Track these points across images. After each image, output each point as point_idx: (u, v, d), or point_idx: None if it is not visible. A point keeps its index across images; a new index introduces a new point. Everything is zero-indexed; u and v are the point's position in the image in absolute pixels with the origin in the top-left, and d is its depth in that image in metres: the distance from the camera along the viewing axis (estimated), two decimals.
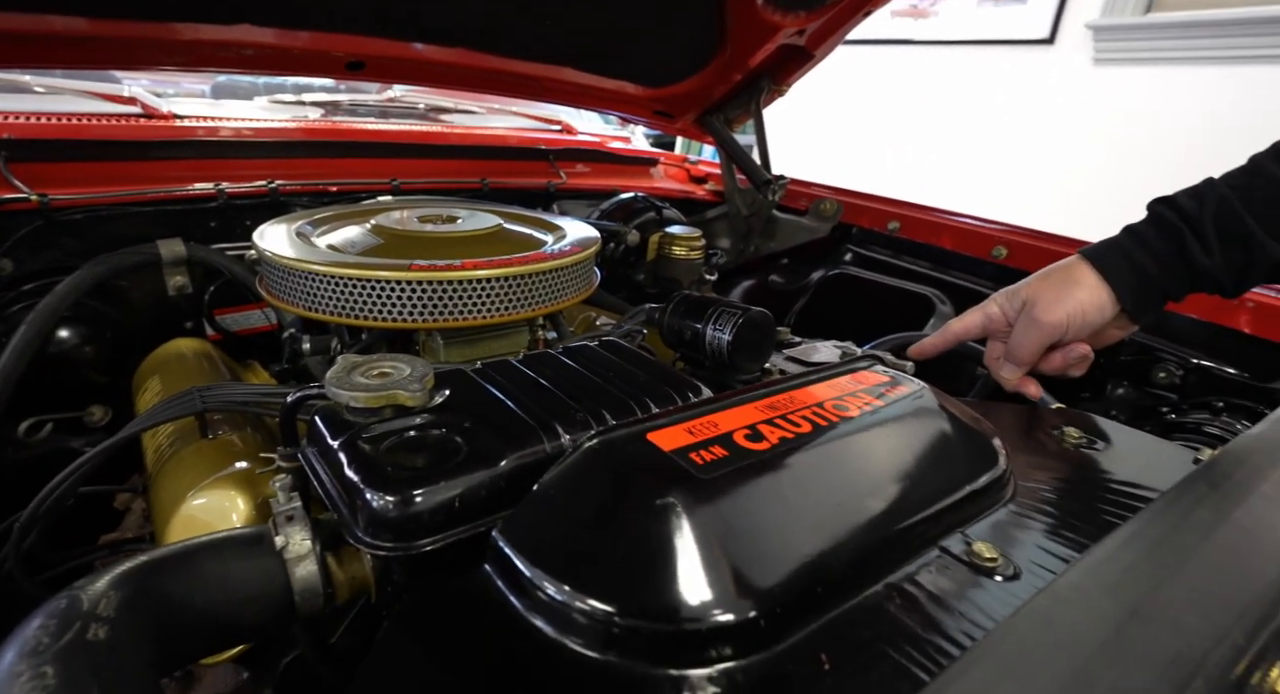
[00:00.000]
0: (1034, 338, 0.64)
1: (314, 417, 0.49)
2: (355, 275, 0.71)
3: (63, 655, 0.29)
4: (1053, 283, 0.65)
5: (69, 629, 0.31)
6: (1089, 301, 0.62)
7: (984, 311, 0.71)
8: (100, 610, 0.32)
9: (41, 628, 0.31)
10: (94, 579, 0.35)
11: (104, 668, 0.30)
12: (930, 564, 0.40)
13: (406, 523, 0.41)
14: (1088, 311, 0.62)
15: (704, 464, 0.39)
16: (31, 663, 0.29)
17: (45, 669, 0.29)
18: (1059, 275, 0.65)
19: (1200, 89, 2.38)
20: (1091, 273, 0.63)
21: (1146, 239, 0.63)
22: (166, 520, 0.58)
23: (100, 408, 0.96)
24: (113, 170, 1.04)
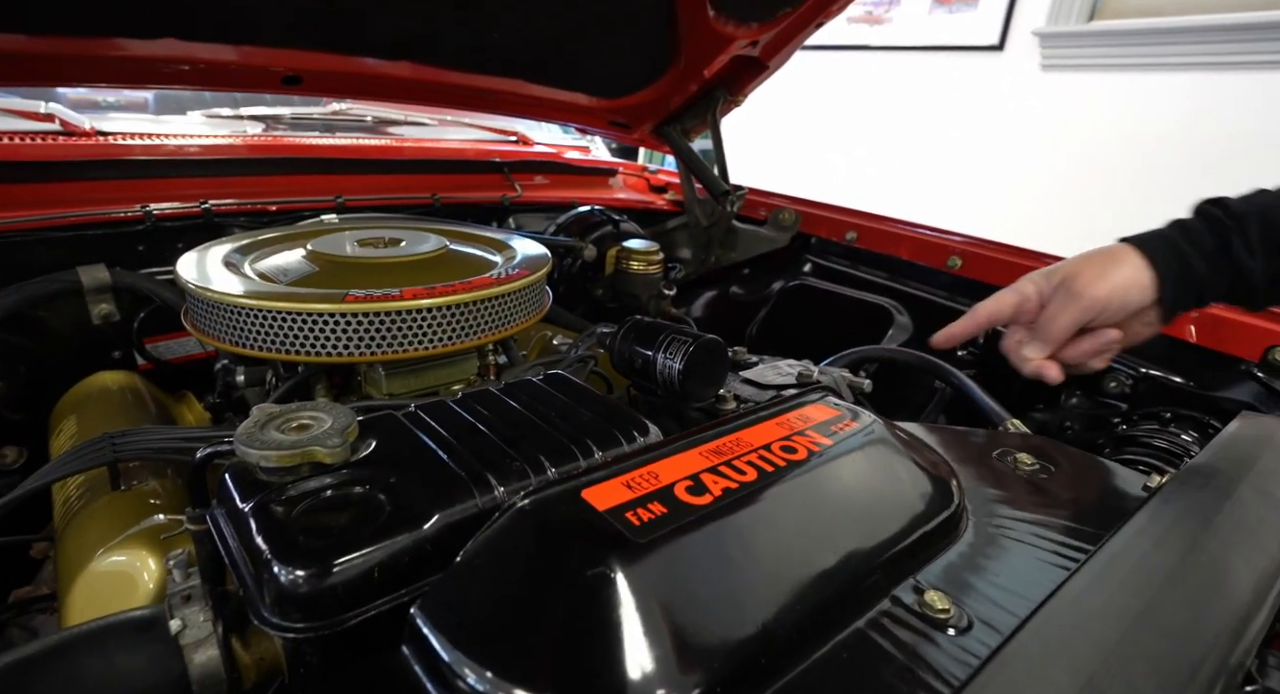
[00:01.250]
0: (1071, 313, 0.62)
1: (223, 475, 0.45)
2: (285, 308, 0.67)
3: None
4: (1095, 261, 0.63)
5: None
6: (1133, 280, 0.60)
7: (1018, 290, 0.67)
8: None
9: None
10: None
11: None
12: (881, 618, 0.39)
13: (319, 598, 0.37)
14: (1130, 290, 0.60)
15: (640, 525, 0.37)
16: None
17: None
18: (1102, 255, 0.63)
19: (1144, 94, 2.46)
20: (1136, 255, 0.61)
21: (1193, 232, 0.61)
22: (70, 583, 0.54)
23: (14, 449, 0.90)
24: (28, 193, 0.98)
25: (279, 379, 0.80)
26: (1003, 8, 2.71)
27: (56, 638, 0.35)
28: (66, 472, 0.59)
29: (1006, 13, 2.71)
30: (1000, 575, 0.44)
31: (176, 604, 0.37)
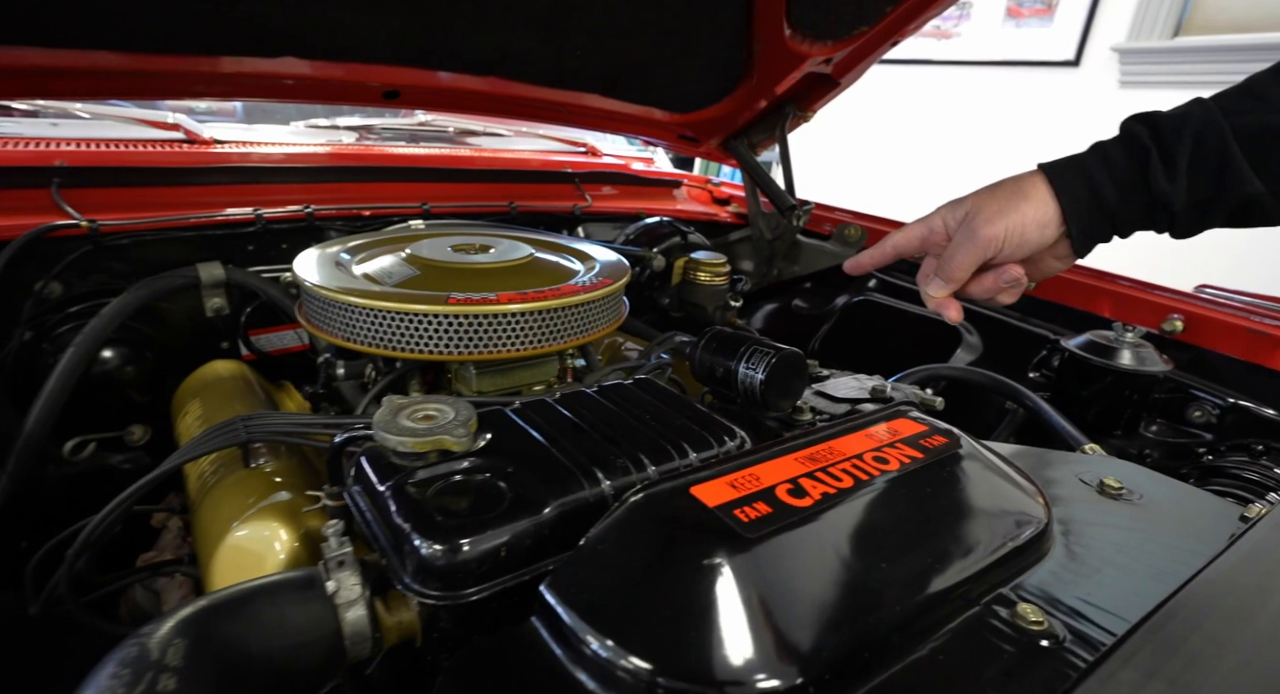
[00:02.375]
0: (966, 252, 0.59)
1: (360, 458, 0.50)
2: (394, 308, 0.73)
3: None
4: (1000, 195, 0.60)
5: (140, 680, 0.32)
6: (1032, 217, 0.57)
7: (926, 223, 0.65)
8: (168, 659, 0.33)
9: (115, 678, 0.32)
10: (159, 625, 0.36)
11: None
12: (975, 626, 0.40)
13: (454, 572, 0.41)
14: (1028, 227, 0.57)
15: (748, 522, 0.40)
16: None
17: None
18: (1008, 187, 0.60)
19: None
20: (1044, 186, 0.58)
21: (1111, 157, 0.57)
22: (212, 550, 0.60)
23: (140, 427, 0.99)
24: (157, 195, 1.08)
25: (378, 374, 0.87)
26: (1080, 23, 2.64)
27: (239, 589, 0.40)
28: (205, 450, 0.65)
29: (1084, 27, 2.64)
30: (1091, 594, 0.45)
31: (332, 568, 0.42)
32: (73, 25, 0.82)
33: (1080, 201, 0.57)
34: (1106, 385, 0.94)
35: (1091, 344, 0.95)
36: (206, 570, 0.59)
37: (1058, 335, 1.10)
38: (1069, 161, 0.59)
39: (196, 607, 0.39)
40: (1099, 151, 0.58)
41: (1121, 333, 0.95)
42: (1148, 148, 0.55)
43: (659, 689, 0.34)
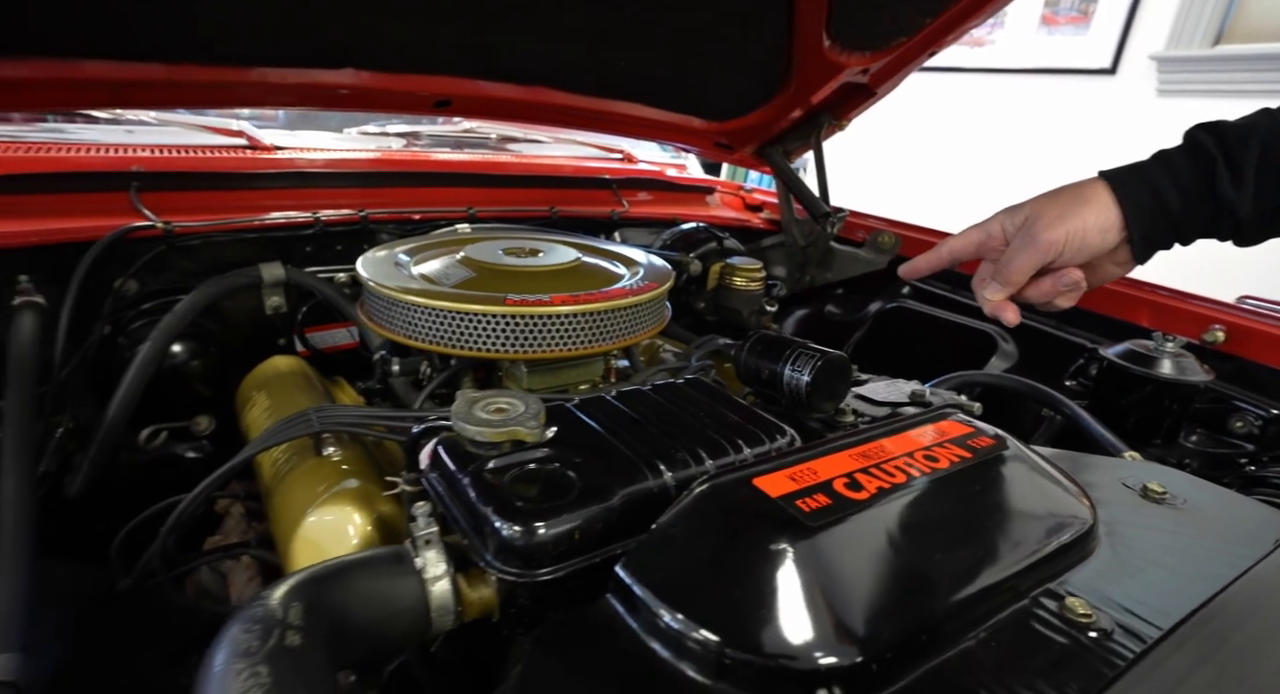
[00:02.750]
0: (1026, 255, 0.60)
1: (437, 447, 0.54)
2: (454, 308, 0.77)
3: (271, 658, 0.34)
4: (1060, 200, 0.61)
5: (271, 635, 0.35)
6: (1093, 222, 0.58)
7: (983, 228, 0.66)
8: (290, 618, 0.37)
9: (248, 632, 0.36)
10: (274, 590, 0.40)
11: (303, 669, 0.34)
12: (1025, 617, 0.42)
13: (532, 552, 0.45)
14: (1088, 232, 0.58)
15: (810, 512, 0.42)
16: (247, 663, 0.34)
17: (260, 669, 0.33)
18: (1069, 193, 0.61)
19: None
20: (1106, 192, 0.59)
21: (1175, 165, 0.57)
22: (290, 532, 0.64)
23: (206, 418, 1.04)
24: (223, 199, 1.14)
25: (434, 370, 0.91)
26: (1116, 30, 2.62)
27: (338, 561, 0.44)
28: (281, 439, 0.70)
29: (1121, 35, 2.61)
30: (1137, 592, 0.46)
31: (420, 545, 0.46)
32: (156, 41, 0.87)
33: (1143, 208, 0.58)
34: (1146, 395, 0.94)
35: (1131, 353, 0.95)
36: (286, 551, 0.64)
37: (1095, 344, 1.10)
38: (1131, 169, 0.60)
39: (304, 576, 0.42)
40: (1162, 160, 0.59)
41: (1162, 342, 0.95)
42: (1214, 156, 0.56)
43: (727, 660, 0.36)
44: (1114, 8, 2.67)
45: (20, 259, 0.91)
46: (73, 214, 0.98)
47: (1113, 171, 0.60)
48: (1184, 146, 0.60)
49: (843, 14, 1.17)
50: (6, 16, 0.75)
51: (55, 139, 1.14)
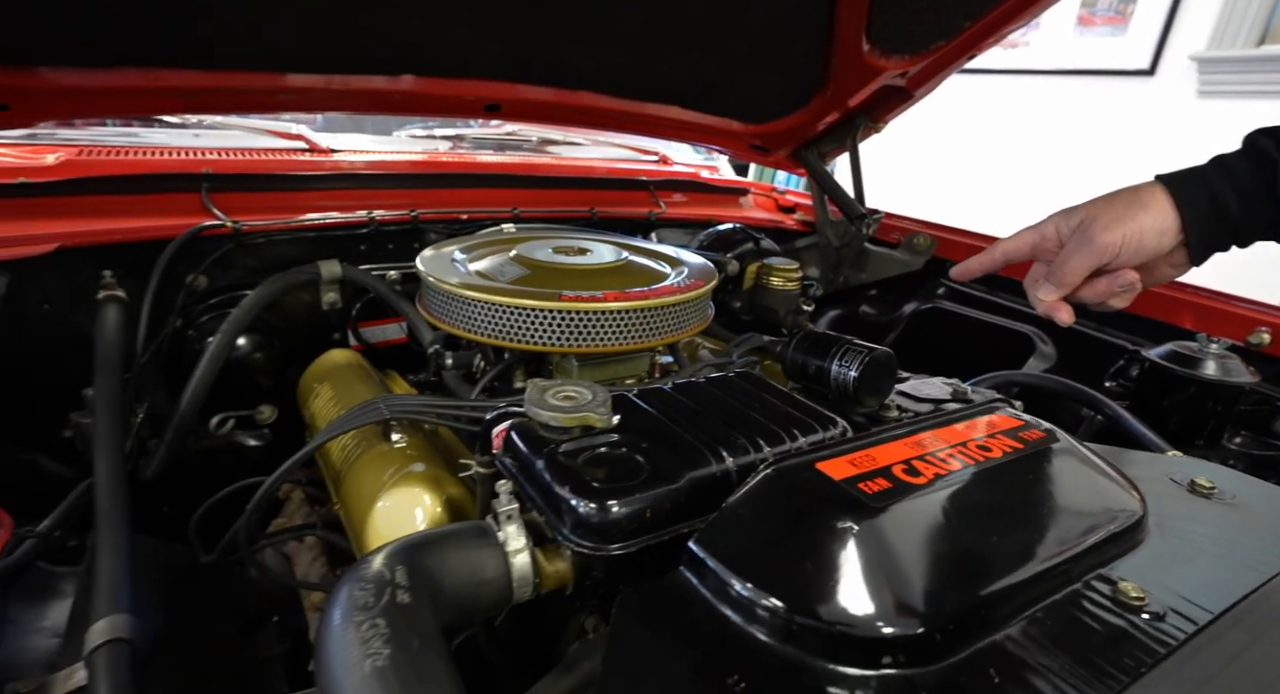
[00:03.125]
0: (1082, 257, 0.61)
1: (510, 431, 0.57)
2: (514, 304, 0.81)
3: (386, 611, 0.38)
4: (1117, 203, 0.61)
5: (383, 593, 0.39)
6: (1150, 225, 0.59)
7: (1038, 230, 0.67)
8: (397, 579, 0.41)
9: (361, 591, 0.39)
10: (375, 555, 0.44)
11: (414, 623, 0.38)
12: (1080, 598, 0.44)
13: (607, 528, 0.48)
14: (1145, 235, 0.59)
15: (872, 494, 0.45)
16: (366, 616, 0.37)
17: (378, 621, 0.37)
18: (1126, 196, 0.61)
19: None
20: (1164, 196, 0.59)
21: (1234, 169, 0.58)
22: (365, 511, 0.68)
23: (269, 407, 1.10)
24: (283, 199, 1.19)
25: (488, 364, 0.95)
26: (1156, 31, 2.58)
27: (429, 532, 0.48)
28: (352, 425, 0.74)
29: (1160, 36, 2.57)
30: (1187, 578, 0.48)
31: (503, 521, 0.49)
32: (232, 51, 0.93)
33: (1200, 211, 0.59)
34: (1190, 396, 0.95)
35: (1174, 354, 0.96)
36: (360, 530, 0.68)
37: (1136, 346, 1.10)
38: (1188, 173, 0.61)
39: (402, 543, 0.46)
40: (1220, 164, 0.60)
41: (1206, 344, 0.95)
42: (1275, 161, 0.57)
43: (795, 626, 0.39)
44: (1153, 8, 2.63)
45: (105, 256, 0.97)
46: (148, 213, 1.04)
47: (1170, 175, 0.62)
48: (1244, 150, 0.61)
49: (883, 18, 1.18)
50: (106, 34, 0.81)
51: (129, 142, 1.21)
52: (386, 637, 0.36)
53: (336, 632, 0.38)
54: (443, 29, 1.00)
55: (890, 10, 1.16)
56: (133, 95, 0.91)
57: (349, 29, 0.94)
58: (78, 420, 0.97)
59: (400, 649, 0.37)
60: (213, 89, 0.97)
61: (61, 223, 0.97)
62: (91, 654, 0.54)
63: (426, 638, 0.38)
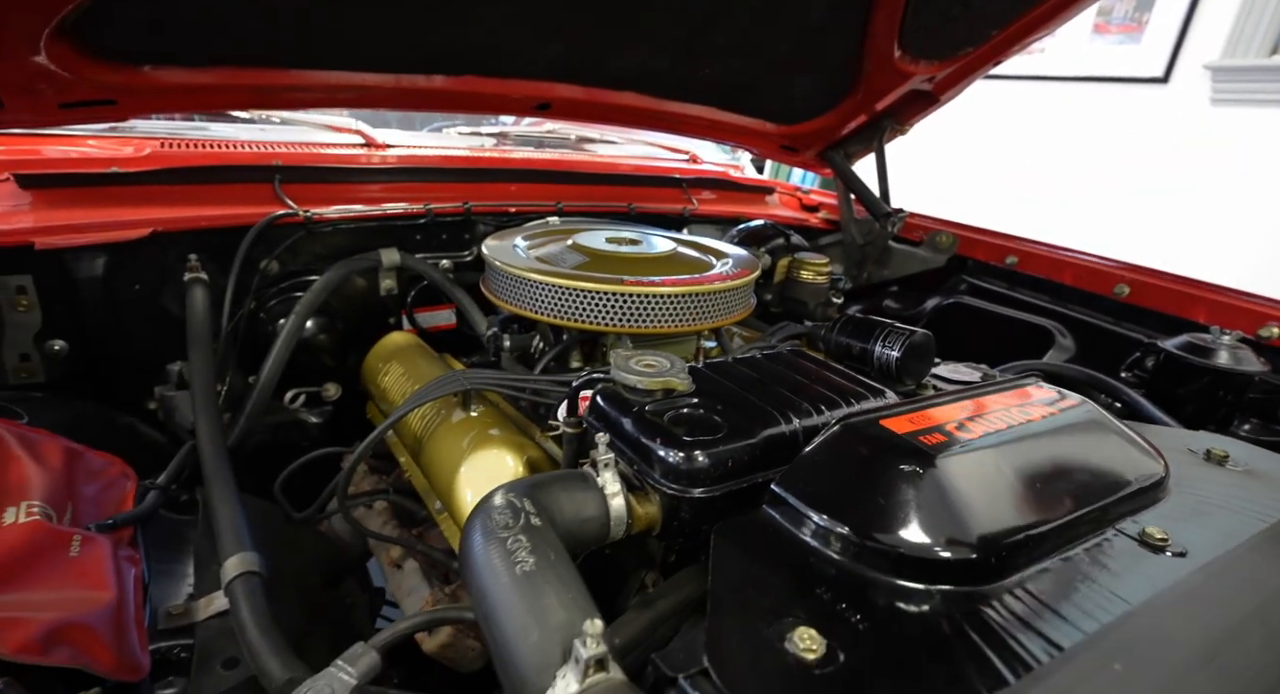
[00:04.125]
0: None
1: (596, 395, 0.64)
2: (584, 287, 0.87)
3: (526, 530, 0.44)
4: None
5: (519, 516, 0.46)
6: None
7: None
8: (527, 507, 0.47)
9: (500, 514, 0.46)
10: (501, 489, 0.51)
11: (549, 540, 0.45)
12: (1113, 538, 0.51)
13: (695, 474, 0.55)
14: None
15: (933, 445, 0.52)
16: (509, 532, 0.44)
17: (520, 537, 0.44)
18: None
19: None
20: None
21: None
22: (450, 474, 0.75)
23: (334, 385, 1.17)
24: (343, 191, 1.26)
25: (547, 345, 1.01)
26: (1170, 40, 2.64)
27: (539, 476, 0.54)
28: (438, 394, 0.81)
29: (1175, 45, 2.63)
30: (1207, 527, 0.54)
31: (601, 468, 0.56)
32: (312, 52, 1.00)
33: None
34: (1204, 385, 1.01)
35: (1190, 345, 1.02)
36: (449, 486, 0.75)
37: (1151, 339, 1.16)
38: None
39: (521, 482, 0.53)
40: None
41: (1219, 336, 1.02)
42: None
43: (866, 548, 0.46)
44: (1168, 17, 2.69)
45: (191, 241, 1.04)
46: (225, 202, 1.12)
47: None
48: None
49: (916, 24, 1.25)
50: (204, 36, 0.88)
51: (200, 135, 1.28)
52: (529, 549, 0.43)
53: (482, 547, 0.45)
54: (505, 35, 1.07)
55: (923, 17, 1.23)
56: (222, 92, 0.98)
57: (421, 33, 1.01)
58: (162, 393, 1.04)
59: (541, 558, 0.44)
60: (293, 86, 1.04)
61: (150, 210, 1.04)
62: (230, 584, 0.61)
63: (559, 553, 0.44)
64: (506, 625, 0.42)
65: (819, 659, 0.39)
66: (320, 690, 0.46)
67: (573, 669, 0.39)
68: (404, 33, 1.01)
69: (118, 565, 0.58)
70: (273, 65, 0.98)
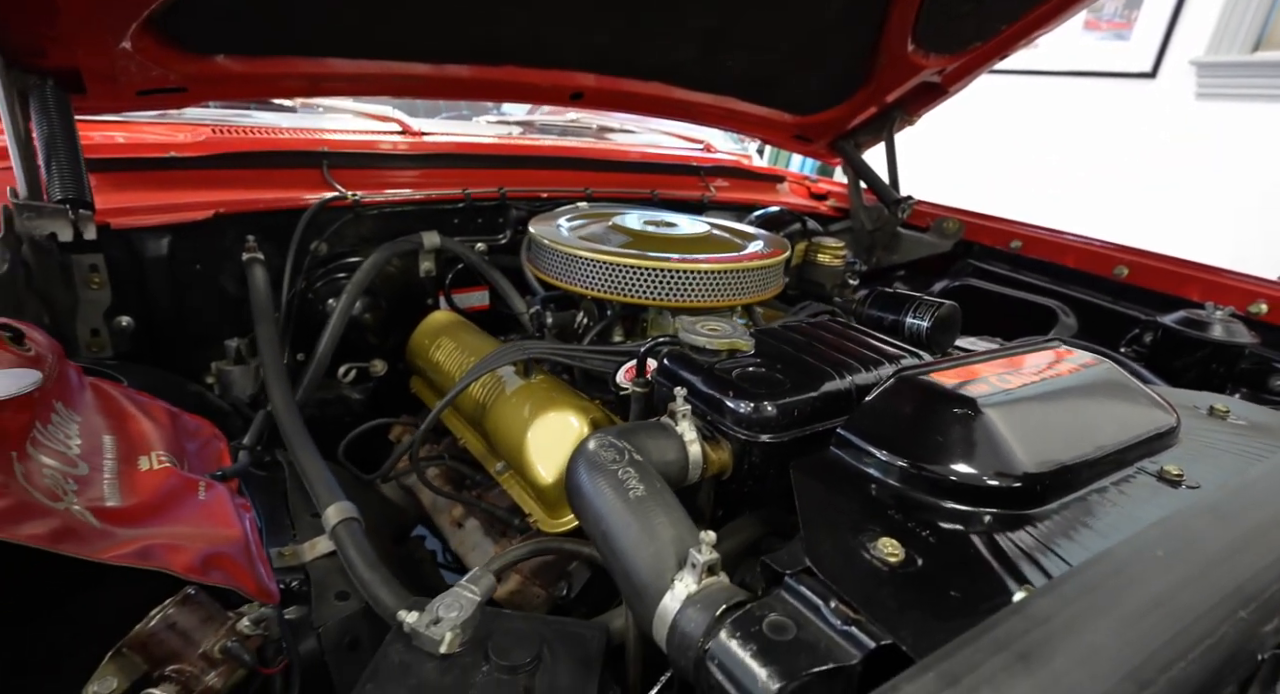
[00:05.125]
0: None
1: (664, 358, 0.71)
2: (636, 264, 0.93)
3: (632, 464, 0.51)
4: None
5: (623, 454, 0.52)
6: None
7: None
8: (627, 446, 0.54)
9: (606, 451, 0.53)
10: (593, 437, 0.57)
11: (651, 474, 0.51)
12: (1136, 475, 0.58)
13: (765, 422, 0.61)
14: None
15: (978, 394, 0.59)
16: (618, 465, 0.50)
17: (629, 468, 0.50)
18: None
19: None
20: None
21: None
22: (520, 435, 0.81)
23: (381, 362, 1.22)
24: (383, 176, 1.31)
25: (591, 320, 1.07)
26: (1158, 36, 2.74)
27: (625, 425, 0.61)
28: (500, 363, 0.87)
29: (1162, 41, 2.73)
30: (1216, 466, 0.62)
31: (677, 419, 0.62)
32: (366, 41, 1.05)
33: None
34: (1200, 357, 1.09)
35: (1187, 320, 1.10)
36: (518, 445, 0.81)
37: (1149, 316, 1.25)
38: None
39: (610, 430, 0.59)
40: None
41: (1213, 311, 1.10)
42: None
43: (925, 478, 0.53)
44: (1155, 14, 2.78)
45: (248, 222, 1.09)
46: (276, 186, 1.16)
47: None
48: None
49: (929, 19, 1.32)
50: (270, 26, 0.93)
51: (245, 122, 1.32)
52: (637, 478, 0.50)
53: (594, 478, 0.51)
54: (547, 27, 1.12)
55: (936, 13, 1.29)
56: (281, 80, 1.03)
57: (469, 25, 1.06)
58: (220, 368, 1.09)
59: (649, 486, 0.50)
60: (345, 75, 1.09)
61: (208, 192, 1.08)
62: (335, 529, 0.67)
63: (661, 482, 0.51)
64: (625, 541, 0.48)
65: (900, 562, 0.45)
66: (450, 606, 0.52)
67: (689, 573, 0.45)
68: (453, 25, 1.06)
69: (237, 509, 0.63)
70: (328, 54, 1.03)
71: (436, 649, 0.50)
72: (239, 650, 0.47)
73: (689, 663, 0.43)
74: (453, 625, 0.50)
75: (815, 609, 0.42)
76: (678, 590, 0.45)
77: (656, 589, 0.46)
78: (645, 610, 0.46)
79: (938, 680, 0.31)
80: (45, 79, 0.81)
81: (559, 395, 0.85)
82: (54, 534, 0.46)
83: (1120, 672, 0.32)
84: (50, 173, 0.74)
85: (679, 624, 0.44)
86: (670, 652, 0.45)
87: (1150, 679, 0.33)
